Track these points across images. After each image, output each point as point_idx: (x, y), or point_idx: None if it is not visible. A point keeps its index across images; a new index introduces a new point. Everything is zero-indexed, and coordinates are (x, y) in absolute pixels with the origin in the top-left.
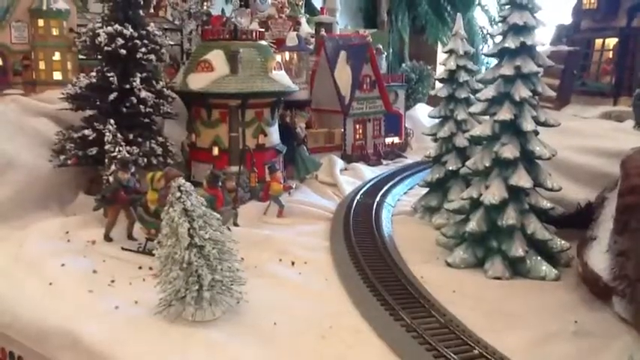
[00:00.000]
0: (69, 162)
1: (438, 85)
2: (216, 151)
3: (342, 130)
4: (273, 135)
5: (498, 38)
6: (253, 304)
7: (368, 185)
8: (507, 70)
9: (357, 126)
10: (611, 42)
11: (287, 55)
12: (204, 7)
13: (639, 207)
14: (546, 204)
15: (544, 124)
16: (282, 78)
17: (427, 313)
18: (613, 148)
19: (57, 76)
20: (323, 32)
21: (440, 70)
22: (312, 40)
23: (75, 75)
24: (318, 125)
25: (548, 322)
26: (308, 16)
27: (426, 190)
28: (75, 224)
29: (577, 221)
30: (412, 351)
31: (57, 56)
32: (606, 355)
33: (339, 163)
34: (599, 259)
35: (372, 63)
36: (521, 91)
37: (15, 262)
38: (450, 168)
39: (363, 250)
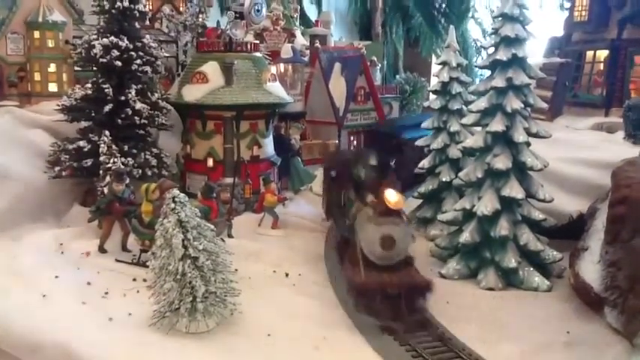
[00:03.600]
0: (64, 173)
1: (432, 96)
2: (210, 162)
3: (337, 141)
4: (268, 146)
5: (490, 50)
6: (247, 316)
7: None
8: (499, 81)
9: (352, 137)
10: (602, 54)
11: (282, 66)
12: (200, 20)
13: (629, 217)
14: (538, 215)
15: (536, 136)
16: (276, 90)
17: (420, 325)
18: (604, 159)
19: (52, 87)
20: (317, 44)
21: (434, 82)
22: (307, 52)
23: (70, 87)
24: (312, 137)
25: (540, 332)
26: (303, 28)
27: (420, 201)
28: (69, 236)
29: (569, 232)
30: None
31: (52, 68)
32: None
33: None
34: (591, 269)
35: (367, 75)
36: (513, 103)
37: (8, 274)
38: (444, 179)
39: None
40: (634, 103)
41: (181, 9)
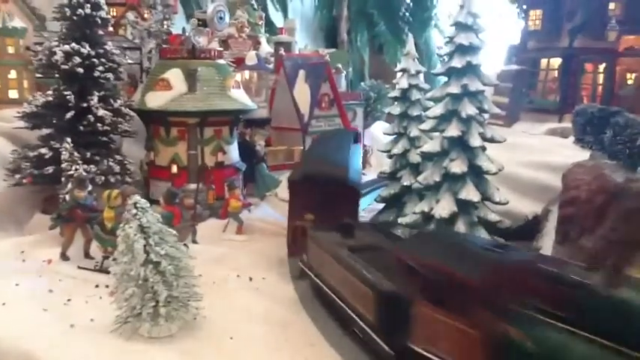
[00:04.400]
0: (24, 181)
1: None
2: (175, 168)
3: (302, 147)
4: (233, 153)
5: (446, 58)
6: (210, 320)
7: None
8: (455, 88)
9: None
10: (556, 62)
11: (247, 74)
12: (165, 26)
13: (578, 218)
14: (494, 217)
15: (491, 141)
16: (240, 96)
17: None
18: (558, 162)
19: (13, 94)
20: (282, 52)
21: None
22: (272, 59)
23: (31, 93)
24: (277, 143)
25: None
26: (268, 35)
27: (382, 205)
28: (30, 244)
29: (525, 233)
30: None
31: (13, 74)
32: None
33: None
34: None
35: (331, 82)
36: (468, 109)
37: None
38: (405, 184)
39: None
40: (582, 109)
41: (146, 16)
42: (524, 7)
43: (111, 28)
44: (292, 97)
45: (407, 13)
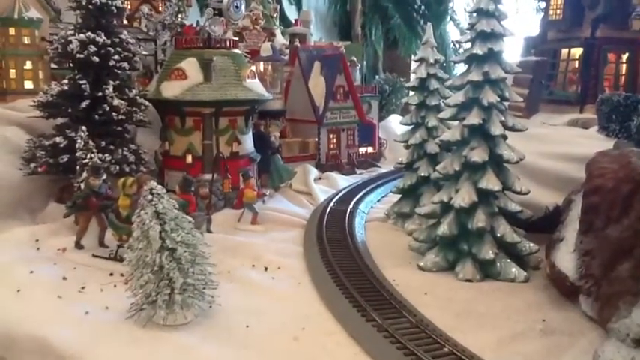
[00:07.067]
0: (39, 170)
1: (411, 93)
2: (189, 159)
3: (317, 139)
4: (247, 143)
5: (467, 45)
6: (226, 308)
7: (342, 194)
8: (476, 75)
9: (331, 136)
10: (577, 52)
11: (261, 65)
12: (179, 19)
13: (602, 206)
14: (515, 207)
15: (512, 129)
16: (256, 86)
17: (398, 314)
18: (579, 153)
19: (28, 85)
20: (297, 43)
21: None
22: (287, 51)
23: (47, 84)
24: (292, 135)
25: (516, 321)
26: (282, 27)
27: (398, 197)
28: (45, 232)
29: (545, 225)
30: (383, 350)
31: (28, 65)
32: (572, 352)
33: (314, 172)
34: (566, 259)
35: (346, 73)
36: (489, 96)
37: None
38: (422, 174)
39: (336, 255)
40: (606, 97)
41: (160, 9)
42: None
43: (125, 21)
44: (307, 88)
45: (422, 6)
